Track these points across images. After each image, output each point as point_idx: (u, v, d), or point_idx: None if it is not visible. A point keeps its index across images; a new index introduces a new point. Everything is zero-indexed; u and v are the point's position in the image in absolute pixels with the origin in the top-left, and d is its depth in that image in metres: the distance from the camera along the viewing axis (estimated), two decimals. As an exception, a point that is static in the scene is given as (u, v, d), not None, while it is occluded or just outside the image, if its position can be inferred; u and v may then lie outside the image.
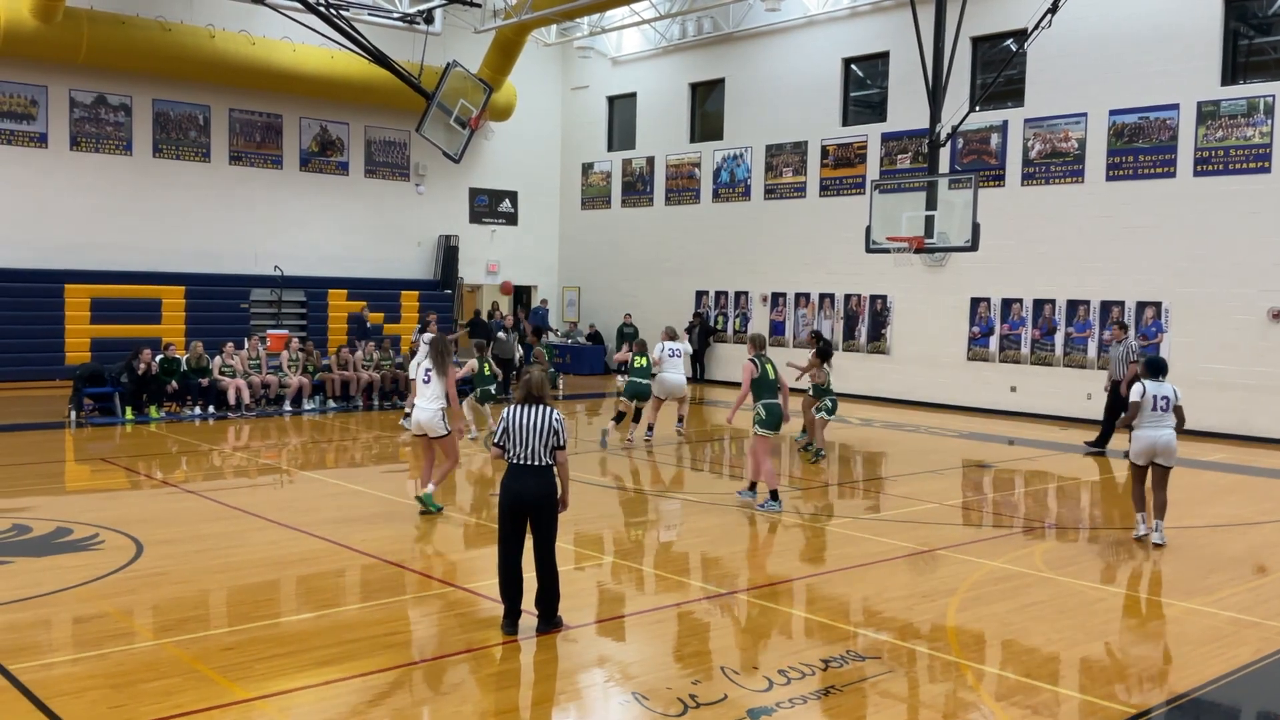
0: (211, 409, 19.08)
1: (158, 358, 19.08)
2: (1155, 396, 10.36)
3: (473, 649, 7.11)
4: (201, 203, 24.34)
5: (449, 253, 27.82)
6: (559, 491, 7.35)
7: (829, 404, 15.14)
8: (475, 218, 29.01)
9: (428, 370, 11.23)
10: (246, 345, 20.38)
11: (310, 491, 12.88)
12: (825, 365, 15.34)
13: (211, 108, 24.44)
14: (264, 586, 8.62)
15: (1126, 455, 10.84)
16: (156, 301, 22.81)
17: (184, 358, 19.62)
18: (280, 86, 24.51)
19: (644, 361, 16.44)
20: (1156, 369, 10.55)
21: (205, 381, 19.26)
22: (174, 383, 18.89)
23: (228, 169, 24.77)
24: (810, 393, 15.45)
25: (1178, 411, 10.42)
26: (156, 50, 22.45)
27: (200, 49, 22.90)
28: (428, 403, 11.13)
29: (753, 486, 12.15)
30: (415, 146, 26.61)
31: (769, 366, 11.82)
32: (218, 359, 19.59)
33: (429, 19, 22.88)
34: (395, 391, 21.03)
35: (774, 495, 11.59)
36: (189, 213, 24.16)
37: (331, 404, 20.32)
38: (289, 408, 19.84)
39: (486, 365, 16.52)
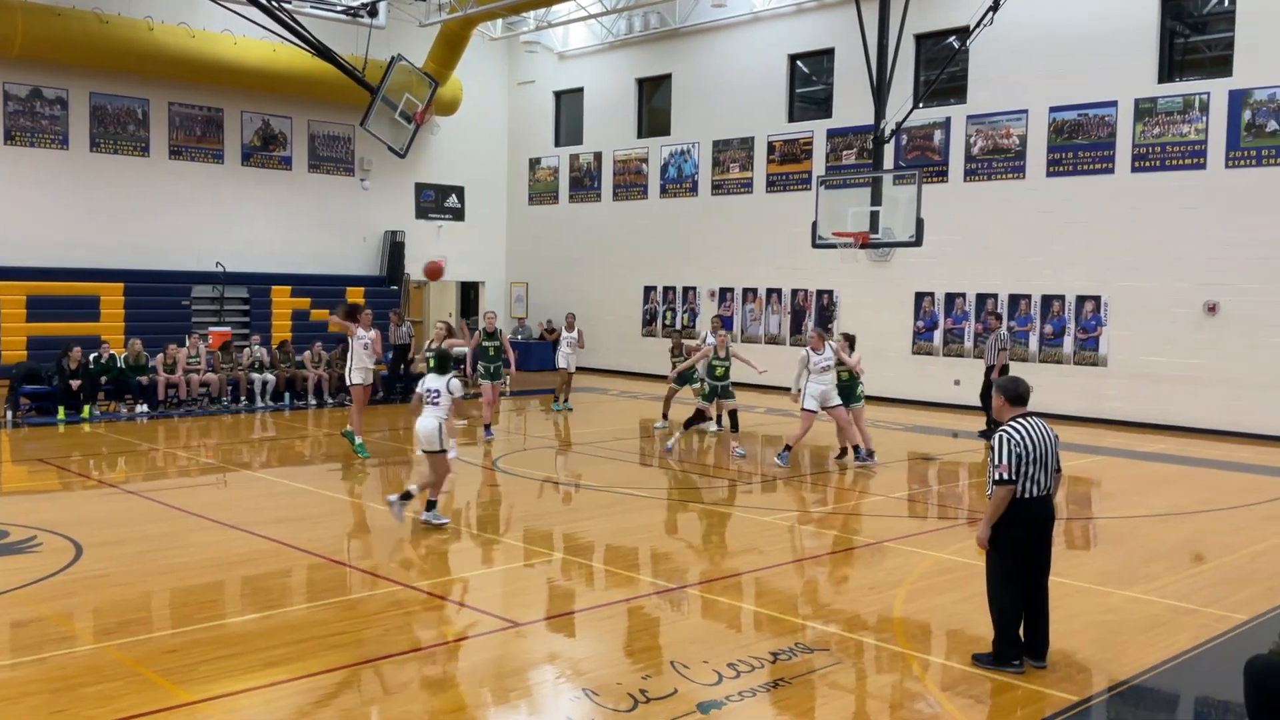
0: (144, 407, 18.80)
1: (91, 355, 18.75)
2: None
3: (422, 647, 7.07)
4: (141, 198, 23.90)
5: (395, 249, 27.57)
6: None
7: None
8: (421, 213, 28.77)
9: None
10: (188, 343, 20.11)
11: (254, 491, 12.72)
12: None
13: (150, 101, 24.00)
14: (208, 587, 8.50)
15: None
16: (95, 299, 22.36)
17: (123, 356, 19.33)
18: (221, 80, 24.13)
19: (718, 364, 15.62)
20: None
21: (145, 380, 18.96)
22: (104, 378, 18.60)
23: (167, 164, 24.34)
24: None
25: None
26: (93, 43, 21.99)
27: (138, 41, 22.47)
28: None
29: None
30: (360, 141, 26.35)
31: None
32: (159, 356, 19.31)
33: (373, 12, 22.69)
34: (344, 389, 20.84)
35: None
36: (128, 208, 23.71)
37: (278, 402, 20.13)
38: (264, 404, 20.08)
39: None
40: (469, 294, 31.41)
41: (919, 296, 22.02)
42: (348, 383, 14.87)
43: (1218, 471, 14.77)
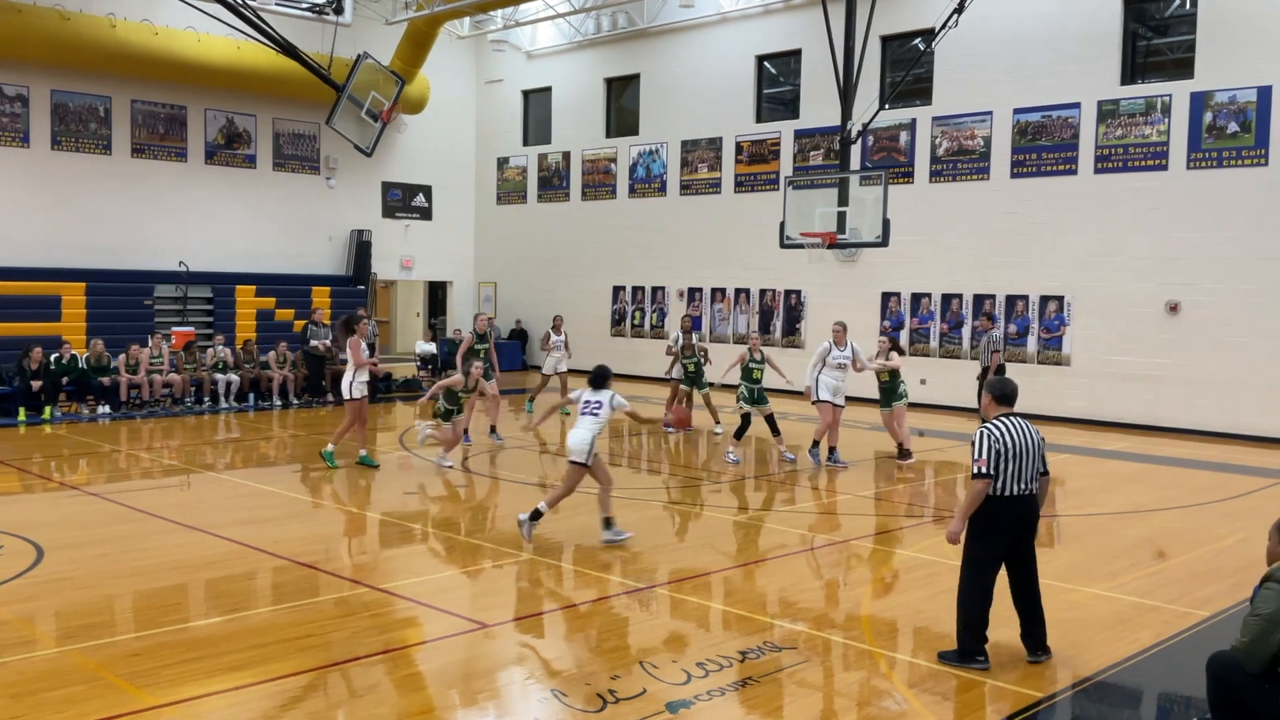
0: (107, 408, 18.60)
1: (53, 355, 18.51)
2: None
3: (390, 650, 7.03)
4: (103, 196, 23.61)
5: (361, 247, 27.40)
6: None
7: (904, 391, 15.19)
8: (388, 212, 28.61)
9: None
10: (151, 343, 19.90)
11: (218, 492, 12.60)
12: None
13: (113, 99, 23.72)
14: (172, 590, 8.41)
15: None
16: (56, 299, 22.05)
17: (84, 356, 19.09)
18: (184, 77, 23.89)
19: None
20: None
21: (107, 381, 18.74)
22: (66, 379, 18.36)
23: (130, 162, 24.06)
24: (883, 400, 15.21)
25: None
26: (54, 39, 21.69)
27: (100, 39, 22.20)
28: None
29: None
30: (326, 139, 26.17)
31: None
32: (121, 356, 19.10)
33: (339, 9, 22.49)
34: (308, 389, 20.71)
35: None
36: (90, 207, 23.42)
37: (247, 403, 19.95)
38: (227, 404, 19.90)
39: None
40: (437, 294, 31.30)
41: (885, 296, 22.14)
42: (348, 396, 13.75)
43: (1180, 469, 14.96)
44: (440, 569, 9.38)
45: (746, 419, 15.15)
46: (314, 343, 20.73)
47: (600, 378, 10.15)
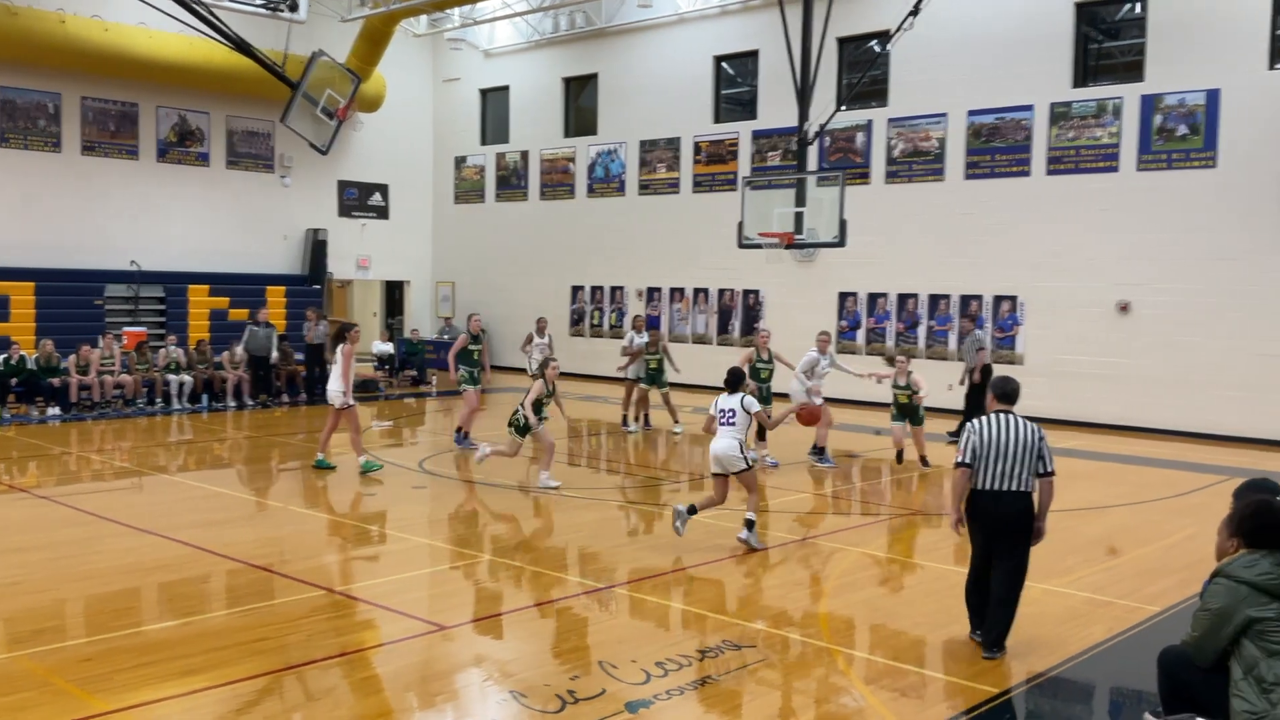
0: (56, 410, 18.30)
1: (1, 356, 18.19)
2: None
3: (346, 652, 6.97)
4: (52, 195, 23.21)
5: (317, 247, 27.16)
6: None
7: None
8: (345, 211, 28.39)
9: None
10: (101, 343, 19.61)
11: (171, 495, 12.44)
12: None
13: (62, 95, 23.33)
14: (124, 594, 8.29)
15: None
16: (4, 298, 21.67)
17: (33, 357, 18.77)
18: (136, 74, 23.55)
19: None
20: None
21: (57, 382, 18.44)
22: (14, 380, 18.05)
23: (80, 159, 23.68)
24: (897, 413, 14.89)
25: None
26: (2, 35, 21.29)
27: (49, 34, 21.82)
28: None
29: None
30: (280, 137, 25.91)
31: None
32: (71, 357, 18.80)
33: (293, 6, 22.19)
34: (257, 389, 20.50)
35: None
36: (39, 205, 23.01)
37: (196, 404, 19.70)
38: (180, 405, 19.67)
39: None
40: (394, 293, 31.11)
41: (842, 296, 22.29)
42: (339, 405, 13.55)
43: (1131, 467, 15.18)
44: (397, 571, 9.31)
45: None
46: (314, 340, 20.78)
47: (735, 381, 10.12)
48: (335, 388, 13.61)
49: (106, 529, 10.33)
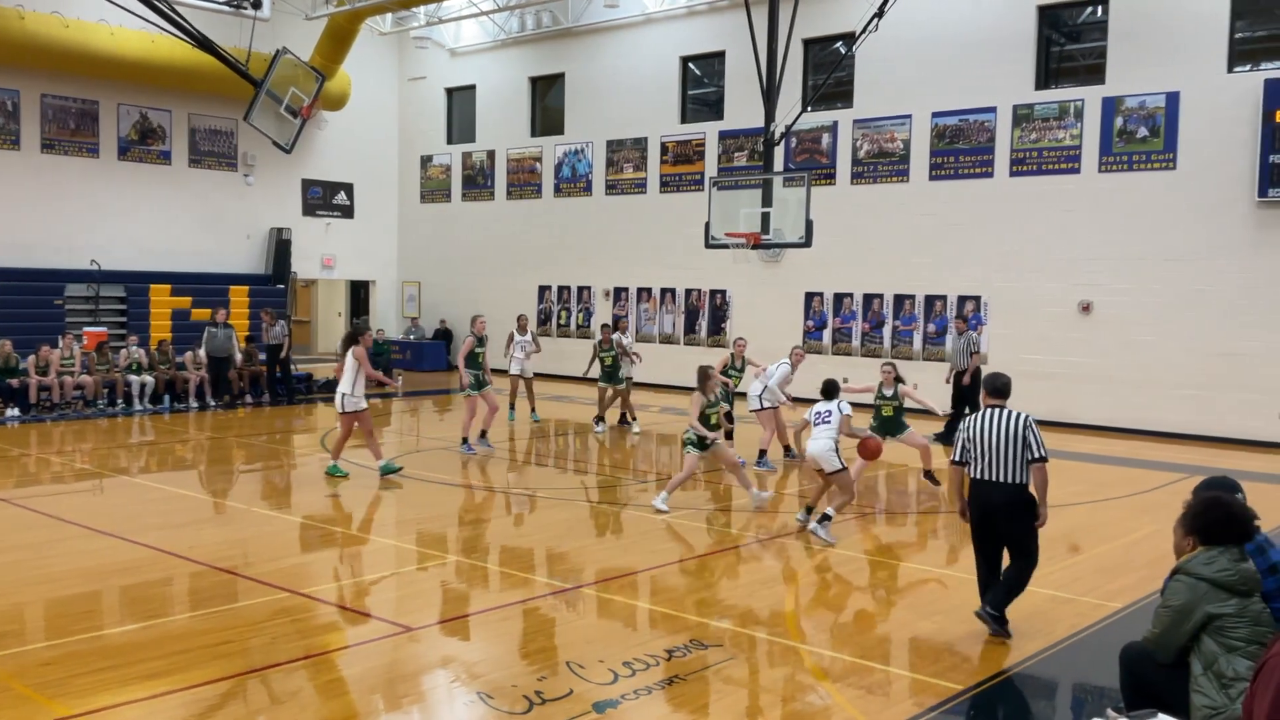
0: (15, 411, 18.05)
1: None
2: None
3: (311, 655, 6.92)
4: (11, 193, 22.87)
5: (281, 246, 26.93)
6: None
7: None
8: (309, 210, 28.17)
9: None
10: (61, 343, 19.36)
11: (132, 496, 12.30)
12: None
13: (21, 92, 22.99)
14: (85, 597, 8.18)
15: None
16: (-39, 298, 21.37)
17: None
18: (97, 71, 23.25)
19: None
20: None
21: (16, 383, 18.19)
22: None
23: (40, 157, 23.35)
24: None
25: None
26: (-42, 30, 20.99)
27: (8, 30, 21.48)
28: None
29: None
30: (244, 135, 25.66)
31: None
32: (31, 358, 18.54)
33: (256, 3, 21.96)
34: (217, 390, 20.30)
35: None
36: (-4, 203, 22.70)
37: (155, 405, 19.49)
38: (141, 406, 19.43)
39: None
40: (359, 293, 30.90)
41: (809, 296, 22.39)
42: (349, 409, 12.97)
43: (1092, 465, 15.35)
44: (364, 572, 9.26)
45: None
46: (271, 341, 20.61)
47: (831, 389, 10.73)
48: (346, 392, 12.99)
49: (67, 531, 10.20)
